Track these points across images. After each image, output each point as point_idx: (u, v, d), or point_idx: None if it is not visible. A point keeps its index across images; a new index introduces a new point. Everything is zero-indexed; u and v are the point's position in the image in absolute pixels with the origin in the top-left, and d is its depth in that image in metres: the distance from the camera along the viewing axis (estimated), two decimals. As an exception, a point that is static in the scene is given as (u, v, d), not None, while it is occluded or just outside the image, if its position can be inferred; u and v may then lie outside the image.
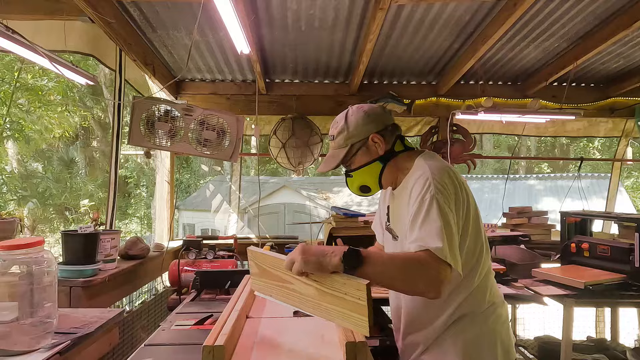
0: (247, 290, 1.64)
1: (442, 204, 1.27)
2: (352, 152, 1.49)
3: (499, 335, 1.41)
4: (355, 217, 3.20)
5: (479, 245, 1.40)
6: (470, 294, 1.39)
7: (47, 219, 13.06)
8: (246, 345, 1.27)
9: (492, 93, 3.92)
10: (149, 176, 13.58)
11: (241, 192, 4.60)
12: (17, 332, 1.34)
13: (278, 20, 2.81)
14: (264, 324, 1.46)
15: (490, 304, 1.43)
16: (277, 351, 1.24)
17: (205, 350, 1.08)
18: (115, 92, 3.11)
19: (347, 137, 1.48)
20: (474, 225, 1.39)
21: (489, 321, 1.41)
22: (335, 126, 1.53)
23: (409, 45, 3.21)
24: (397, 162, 1.49)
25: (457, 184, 1.35)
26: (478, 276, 1.40)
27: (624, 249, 2.64)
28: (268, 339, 1.33)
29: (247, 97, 3.92)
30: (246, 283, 1.76)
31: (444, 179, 1.32)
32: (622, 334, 3.75)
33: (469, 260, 1.38)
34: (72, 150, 13.55)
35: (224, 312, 1.37)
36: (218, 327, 1.21)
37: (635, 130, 4.25)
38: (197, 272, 2.27)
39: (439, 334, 1.41)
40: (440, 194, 1.28)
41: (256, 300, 1.73)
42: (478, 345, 1.38)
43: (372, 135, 1.47)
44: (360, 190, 1.55)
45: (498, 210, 4.20)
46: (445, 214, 1.25)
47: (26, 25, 2.51)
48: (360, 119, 1.48)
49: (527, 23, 2.86)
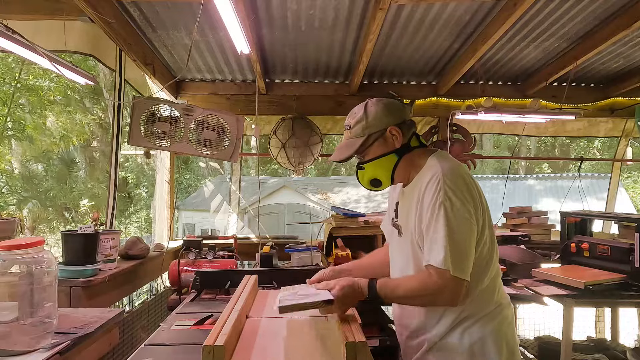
0: (248, 290, 1.64)
1: (450, 211, 1.28)
2: (368, 142, 1.48)
3: (504, 336, 1.40)
4: (355, 217, 3.20)
5: (492, 246, 1.41)
6: (478, 295, 1.39)
7: (47, 219, 13.06)
8: (246, 345, 1.27)
9: (492, 93, 3.92)
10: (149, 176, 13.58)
11: (241, 192, 4.59)
12: (17, 332, 1.34)
13: (278, 20, 2.81)
14: (264, 324, 1.46)
15: (498, 304, 1.43)
16: (276, 351, 1.24)
17: (205, 350, 1.08)
18: (115, 92, 3.11)
19: (365, 127, 1.48)
20: (489, 226, 1.40)
21: (495, 322, 1.40)
22: (352, 116, 1.52)
23: (409, 45, 3.21)
24: (412, 158, 1.49)
25: (471, 185, 1.36)
26: (488, 277, 1.41)
27: (624, 249, 2.64)
28: (268, 339, 1.33)
29: (247, 97, 3.92)
30: (246, 283, 1.76)
31: (457, 182, 1.33)
32: (622, 334, 3.75)
33: (481, 261, 1.38)
34: (72, 151, 13.54)
35: (224, 312, 1.37)
36: (218, 327, 1.21)
37: (635, 130, 4.25)
38: (197, 272, 2.27)
39: (444, 334, 1.41)
40: (449, 200, 1.29)
41: (256, 300, 1.73)
42: (484, 346, 1.37)
43: (390, 128, 1.47)
44: (371, 183, 1.54)
45: (498, 211, 4.20)
46: (451, 221, 1.28)
47: (26, 25, 2.51)
48: (380, 110, 1.48)
49: (527, 23, 2.86)
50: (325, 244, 3.18)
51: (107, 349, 1.81)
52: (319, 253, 2.93)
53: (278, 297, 1.39)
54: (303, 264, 2.81)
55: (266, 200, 11.25)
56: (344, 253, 2.84)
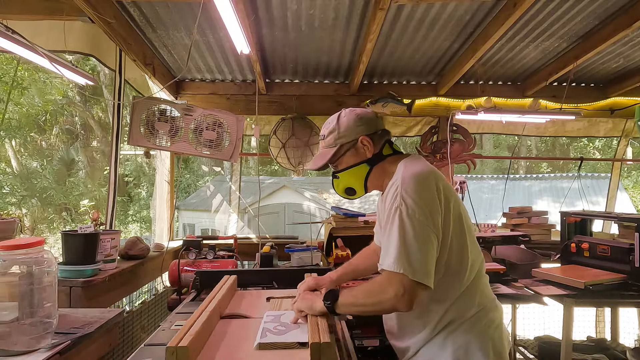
0: (224, 290, 1.64)
1: (405, 215, 1.27)
2: (340, 152, 1.50)
3: (490, 340, 1.38)
4: (355, 217, 3.20)
5: (464, 249, 1.38)
6: (457, 299, 1.38)
7: (47, 219, 13.06)
8: (215, 345, 1.26)
9: (492, 93, 3.92)
10: (149, 176, 13.57)
11: (241, 192, 4.59)
12: (17, 332, 1.34)
13: (278, 20, 2.82)
14: (235, 325, 1.45)
15: (481, 307, 1.40)
16: (245, 352, 1.22)
17: (169, 351, 1.07)
18: (115, 92, 3.11)
19: (337, 137, 1.50)
20: (456, 229, 1.36)
21: (479, 325, 1.38)
22: (327, 126, 1.55)
23: (409, 45, 3.21)
24: (384, 166, 1.50)
25: (432, 190, 1.32)
26: (466, 280, 1.39)
27: (624, 249, 2.64)
28: (238, 340, 1.32)
29: (247, 97, 3.92)
30: (224, 283, 1.76)
31: (415, 186, 1.31)
32: (622, 334, 3.75)
33: (453, 265, 1.36)
34: (72, 150, 13.55)
35: (195, 313, 1.35)
36: (185, 328, 1.20)
37: (635, 130, 4.25)
38: (197, 272, 2.27)
39: (428, 340, 1.40)
40: (404, 204, 1.28)
41: (233, 301, 1.72)
42: (468, 351, 1.36)
43: (361, 138, 1.48)
44: (346, 192, 1.57)
45: (498, 210, 4.20)
46: (405, 225, 1.26)
47: (26, 25, 2.51)
48: (352, 120, 1.50)
49: (527, 23, 2.86)
50: (325, 244, 3.18)
51: (107, 349, 1.81)
52: (319, 253, 2.93)
53: (261, 326, 1.39)
54: (303, 264, 2.81)
55: (266, 200, 11.24)
56: (344, 253, 2.84)
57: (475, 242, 1.45)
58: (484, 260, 1.49)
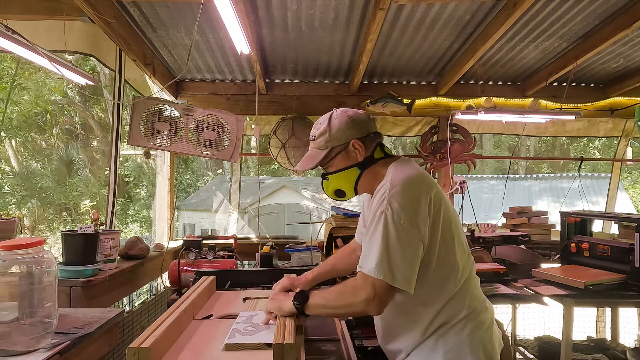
0: (199, 291, 1.63)
1: (390, 219, 1.26)
2: (331, 155, 1.47)
3: (481, 342, 1.37)
4: (355, 217, 3.19)
5: (453, 255, 1.37)
6: (447, 302, 1.37)
7: (47, 219, 13.07)
8: (183, 346, 1.25)
9: (492, 93, 3.92)
10: (149, 176, 13.58)
11: (241, 192, 4.59)
12: (17, 332, 1.34)
13: (278, 20, 2.82)
14: (206, 325, 1.45)
15: (471, 310, 1.39)
16: (209, 352, 1.22)
17: (129, 352, 1.05)
18: (115, 92, 3.11)
19: (328, 140, 1.47)
20: (446, 235, 1.36)
21: (470, 327, 1.37)
22: (317, 127, 1.52)
23: (409, 45, 3.21)
24: (375, 169, 1.47)
25: (420, 195, 1.31)
26: (456, 284, 1.38)
27: (624, 249, 2.64)
28: (205, 340, 1.31)
29: (247, 97, 3.92)
30: (200, 284, 1.76)
31: (403, 191, 1.29)
32: (622, 334, 3.75)
33: (442, 270, 1.36)
34: (72, 150, 13.55)
35: (164, 313, 1.35)
36: (151, 329, 1.19)
37: (635, 130, 4.25)
38: (197, 272, 2.27)
39: (419, 343, 1.39)
40: (390, 208, 1.27)
41: (208, 302, 1.72)
42: (459, 353, 1.35)
43: (353, 141, 1.45)
44: (335, 194, 1.54)
45: (498, 211, 4.20)
46: (389, 229, 1.25)
47: (26, 25, 2.51)
48: (344, 123, 1.47)
49: (527, 23, 2.86)
50: (325, 244, 3.18)
51: (107, 349, 1.81)
52: (319, 253, 2.94)
53: (232, 326, 1.38)
54: (303, 263, 2.81)
55: (266, 200, 11.24)
56: (344, 253, 2.84)
57: (466, 247, 1.44)
58: (474, 262, 1.48)
